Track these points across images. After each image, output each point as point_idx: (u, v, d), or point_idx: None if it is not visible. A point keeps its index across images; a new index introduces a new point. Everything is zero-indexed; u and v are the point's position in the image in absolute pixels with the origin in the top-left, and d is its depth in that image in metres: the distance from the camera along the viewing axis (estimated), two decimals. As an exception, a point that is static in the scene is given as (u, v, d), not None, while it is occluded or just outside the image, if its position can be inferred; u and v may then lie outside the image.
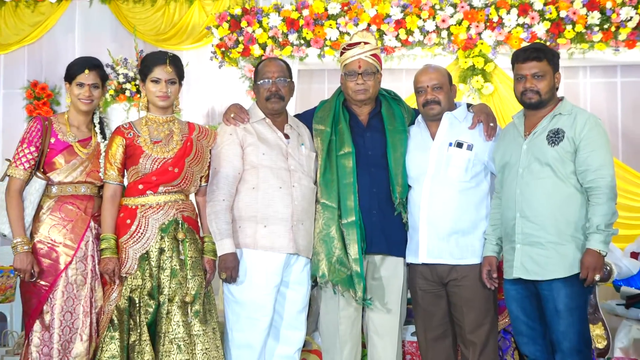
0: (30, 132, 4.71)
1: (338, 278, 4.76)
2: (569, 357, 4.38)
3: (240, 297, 4.77)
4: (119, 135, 4.75)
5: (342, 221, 4.80)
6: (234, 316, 4.82)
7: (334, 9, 7.48)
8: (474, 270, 4.73)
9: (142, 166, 4.69)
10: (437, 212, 4.75)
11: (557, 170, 4.39)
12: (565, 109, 4.50)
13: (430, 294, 4.84)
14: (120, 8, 8.35)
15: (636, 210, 7.39)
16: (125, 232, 4.68)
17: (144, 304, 4.63)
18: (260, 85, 4.88)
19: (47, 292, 4.61)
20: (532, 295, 4.50)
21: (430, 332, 4.88)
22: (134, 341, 4.60)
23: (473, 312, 4.73)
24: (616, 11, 7.12)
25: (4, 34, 8.52)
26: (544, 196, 4.41)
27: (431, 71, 4.89)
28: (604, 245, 4.26)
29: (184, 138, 4.83)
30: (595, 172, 4.31)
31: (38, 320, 4.61)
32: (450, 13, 7.33)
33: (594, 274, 4.26)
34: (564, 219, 4.37)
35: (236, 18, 7.60)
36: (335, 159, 4.88)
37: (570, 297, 4.34)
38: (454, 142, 4.80)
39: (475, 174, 4.78)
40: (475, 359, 4.76)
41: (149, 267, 4.66)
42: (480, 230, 4.77)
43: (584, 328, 4.43)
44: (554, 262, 4.36)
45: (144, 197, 4.72)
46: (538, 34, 7.23)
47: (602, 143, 4.38)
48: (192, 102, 8.29)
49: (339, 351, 4.91)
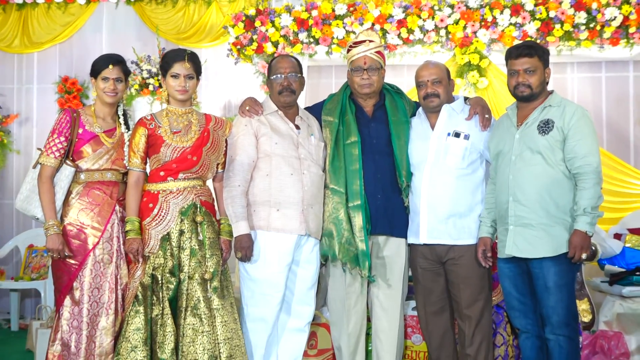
0: (60, 123, 4.76)
1: (347, 257, 4.82)
2: (558, 329, 4.44)
3: (255, 275, 4.84)
4: (142, 126, 4.80)
5: (349, 204, 4.85)
6: (249, 292, 4.88)
7: (340, 9, 7.48)
8: (470, 250, 4.79)
9: (163, 154, 4.75)
10: (436, 197, 4.81)
11: (547, 158, 4.44)
12: (554, 101, 4.55)
13: (429, 272, 4.90)
14: (144, 9, 8.35)
15: (619, 195, 7.39)
16: (148, 215, 4.74)
17: (166, 281, 4.68)
18: (273, 80, 4.93)
19: (77, 270, 4.68)
20: (523, 272, 4.56)
21: (430, 307, 4.94)
22: (156, 315, 4.64)
23: (469, 289, 4.79)
24: (601, 11, 7.14)
25: (38, 34, 8.54)
26: (534, 181, 4.46)
27: (431, 67, 4.92)
28: (590, 227, 4.32)
29: (201, 128, 4.87)
30: (583, 159, 4.36)
31: (68, 296, 4.68)
32: (448, 13, 7.34)
33: (581, 253, 4.32)
34: (553, 202, 4.42)
35: (250, 18, 7.61)
36: (342, 147, 4.92)
37: (559, 274, 4.40)
38: (452, 132, 4.84)
39: (472, 161, 4.83)
40: (471, 332, 4.81)
41: (170, 247, 4.71)
42: (476, 213, 4.82)
43: (572, 303, 4.49)
44: (544, 242, 4.42)
45: (165, 183, 4.77)
46: (529, 33, 7.24)
47: (588, 132, 4.43)
48: (211, 96, 8.29)
49: (345, 324, 4.97)
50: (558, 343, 4.45)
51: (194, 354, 4.60)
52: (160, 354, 4.58)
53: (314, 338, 5.39)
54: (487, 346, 4.86)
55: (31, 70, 8.72)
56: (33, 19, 8.55)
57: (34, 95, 8.71)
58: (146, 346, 4.60)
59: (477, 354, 4.81)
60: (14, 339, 7.34)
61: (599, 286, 6.14)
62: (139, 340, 4.59)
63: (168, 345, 4.60)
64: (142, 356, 4.58)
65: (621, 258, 6.07)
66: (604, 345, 5.40)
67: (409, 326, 5.36)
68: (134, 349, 4.58)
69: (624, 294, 5.78)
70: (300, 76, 4.98)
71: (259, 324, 4.86)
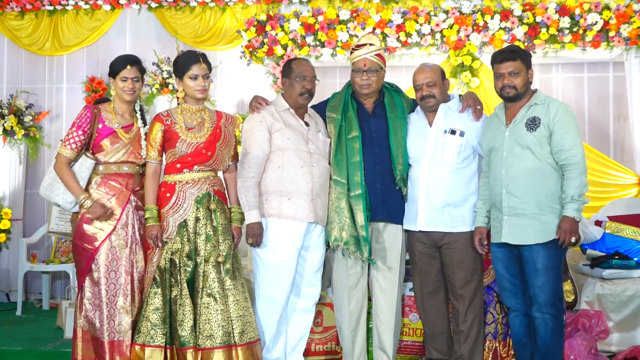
0: (81, 119, 4.79)
1: (348, 242, 4.80)
2: (544, 308, 4.47)
3: (267, 259, 4.83)
4: (159, 122, 4.80)
5: (350, 194, 4.83)
6: (261, 275, 4.88)
7: (344, 15, 7.50)
8: (463, 236, 4.81)
9: (179, 149, 4.75)
10: (433, 188, 4.80)
11: (536, 152, 4.45)
12: (539, 99, 4.56)
13: (426, 255, 4.90)
14: (164, 15, 8.34)
15: (600, 185, 7.38)
16: (166, 203, 4.75)
17: (183, 264, 4.70)
18: (297, 82, 4.88)
19: (94, 254, 4.70)
20: (514, 256, 4.58)
21: (426, 287, 4.95)
22: (175, 296, 4.67)
23: (462, 271, 4.81)
24: (584, 16, 7.18)
25: (67, 38, 8.52)
26: (525, 175, 4.48)
27: (426, 70, 4.88)
28: (578, 213, 4.36)
29: (213, 125, 4.86)
30: (569, 151, 4.38)
31: (88, 277, 4.70)
32: (443, 18, 7.35)
33: (570, 237, 4.35)
34: (543, 192, 4.44)
35: (262, 23, 7.61)
36: (345, 141, 4.91)
37: (548, 258, 4.44)
38: (449, 129, 4.82)
39: (466, 156, 4.82)
40: (464, 310, 4.83)
41: (187, 233, 4.73)
42: (470, 203, 4.82)
43: (558, 284, 4.53)
44: (535, 229, 4.45)
45: (181, 174, 4.78)
46: (517, 36, 7.26)
47: (572, 126, 4.45)
48: (225, 95, 8.27)
49: (346, 303, 4.97)
50: (544, 321, 4.48)
51: (209, 330, 4.62)
52: (180, 331, 4.62)
53: (320, 316, 5.40)
54: (479, 323, 4.88)
55: (61, 71, 8.72)
56: (63, 24, 8.53)
57: (64, 94, 8.71)
58: (165, 324, 4.65)
59: (470, 330, 4.84)
60: (45, 317, 7.35)
61: (582, 269, 6.12)
62: (157, 319, 4.64)
63: (187, 323, 4.62)
64: (161, 334, 4.63)
65: (601, 243, 6.06)
66: (585, 323, 5.38)
67: (406, 305, 5.37)
68: (154, 327, 4.64)
69: (604, 276, 5.76)
70: (317, 80, 4.97)
71: (270, 304, 4.85)
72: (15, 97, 8.36)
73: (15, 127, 8.13)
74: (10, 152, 8.27)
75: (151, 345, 4.63)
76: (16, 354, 5.96)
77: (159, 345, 4.63)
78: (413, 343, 5.43)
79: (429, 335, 5.01)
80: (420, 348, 5.41)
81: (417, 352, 5.43)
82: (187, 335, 4.61)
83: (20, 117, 8.22)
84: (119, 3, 8.32)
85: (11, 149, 8.27)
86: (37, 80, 8.73)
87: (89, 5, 8.38)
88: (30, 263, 7.64)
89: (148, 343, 4.63)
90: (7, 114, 8.15)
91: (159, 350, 4.64)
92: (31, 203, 8.68)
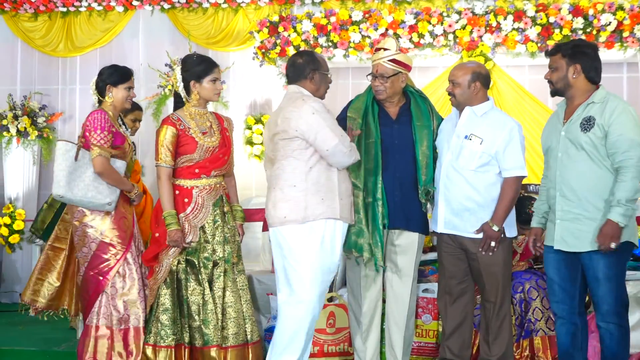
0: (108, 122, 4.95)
1: (362, 249, 4.71)
2: (608, 317, 4.28)
3: (323, 262, 4.53)
4: (171, 126, 4.82)
5: (366, 200, 4.75)
6: (309, 278, 4.51)
7: (357, 16, 7.47)
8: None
9: (198, 155, 4.80)
10: (450, 192, 4.75)
11: (591, 154, 4.25)
12: (597, 97, 4.33)
13: (452, 257, 4.87)
14: (177, 16, 8.34)
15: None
16: (184, 209, 4.81)
17: (203, 265, 4.79)
18: (327, 76, 4.77)
19: (125, 253, 4.93)
20: (568, 261, 4.39)
21: (450, 289, 4.89)
22: (197, 296, 4.79)
23: (490, 277, 4.75)
24: (597, 17, 7.10)
25: (80, 39, 8.54)
26: (579, 177, 4.30)
27: (456, 68, 4.88)
28: (622, 218, 4.12)
29: (219, 128, 4.96)
30: (624, 153, 4.14)
31: (116, 275, 4.91)
32: (456, 19, 7.31)
33: (610, 242, 4.12)
34: (598, 197, 4.24)
35: (274, 24, 7.60)
36: (363, 145, 4.81)
37: (609, 266, 4.22)
38: (469, 134, 4.71)
39: (483, 164, 4.67)
40: (492, 315, 4.79)
41: (205, 235, 4.81)
42: (491, 209, 4.68)
43: (622, 292, 4.33)
44: (589, 236, 4.24)
45: (199, 180, 4.85)
46: (530, 37, 7.21)
47: (630, 127, 4.17)
48: (237, 96, 8.27)
49: (359, 305, 4.94)
50: (609, 330, 4.29)
51: (235, 327, 4.81)
52: (205, 330, 4.77)
53: (333, 318, 5.39)
54: (508, 328, 4.84)
55: (74, 72, 8.74)
56: (76, 25, 8.55)
57: (77, 95, 8.73)
58: (175, 325, 4.78)
59: (497, 335, 4.80)
60: (59, 318, 7.35)
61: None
62: (167, 320, 4.77)
63: (211, 322, 4.76)
64: (172, 334, 4.76)
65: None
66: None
67: (419, 307, 5.36)
68: (164, 327, 4.76)
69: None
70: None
71: (310, 305, 4.53)
72: (28, 98, 8.39)
73: (29, 128, 8.15)
74: (24, 153, 8.29)
75: (162, 345, 4.76)
76: (29, 354, 5.98)
77: (169, 345, 4.76)
78: (426, 344, 5.43)
79: (447, 334, 4.92)
80: (433, 350, 5.40)
81: (430, 353, 5.42)
82: (211, 333, 4.74)
83: (33, 118, 8.25)
84: (131, 4, 8.33)
85: (25, 150, 8.28)
86: (50, 82, 8.75)
87: (101, 6, 8.40)
88: (43, 264, 7.64)
89: (159, 343, 4.76)
90: (20, 115, 8.17)
91: (169, 350, 4.77)
92: (45, 204, 8.69)
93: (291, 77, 4.73)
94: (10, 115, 8.15)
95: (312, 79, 4.68)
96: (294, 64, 4.71)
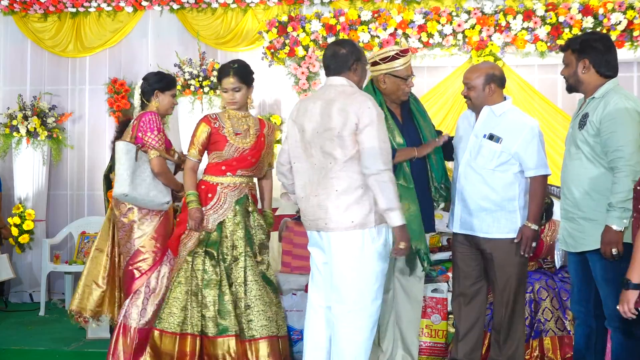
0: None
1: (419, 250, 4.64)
2: (610, 321, 4.15)
3: (383, 267, 4.26)
4: (207, 124, 5.06)
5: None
6: (376, 285, 4.24)
7: (366, 16, 7.46)
8: (503, 243, 4.62)
9: (226, 152, 5.01)
10: (467, 192, 4.70)
11: (586, 152, 4.13)
12: (599, 92, 4.16)
13: (466, 257, 4.83)
14: (185, 16, 8.35)
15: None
16: (207, 203, 5.03)
17: (222, 258, 4.96)
18: (366, 68, 4.53)
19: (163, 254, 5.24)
20: (582, 262, 4.26)
21: (464, 289, 4.83)
22: (213, 286, 4.91)
23: (505, 276, 4.67)
24: (607, 16, 7.06)
25: (90, 39, 8.56)
26: (575, 176, 4.21)
27: (469, 71, 4.77)
28: (618, 221, 3.93)
29: (257, 133, 5.11)
30: (613, 152, 3.99)
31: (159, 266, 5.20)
32: (465, 19, 7.28)
33: (610, 248, 3.95)
34: (596, 196, 4.10)
35: (283, 24, 7.59)
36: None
37: (605, 269, 4.06)
38: (488, 134, 4.63)
39: (501, 163, 4.59)
40: (506, 316, 4.73)
41: (225, 230, 4.98)
42: (509, 209, 4.60)
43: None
44: (585, 236, 4.15)
45: (224, 177, 5.04)
46: (540, 36, 7.17)
47: (621, 125, 3.98)
48: (246, 96, 8.28)
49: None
50: (615, 334, 4.15)
51: (264, 320, 4.92)
52: (220, 319, 4.89)
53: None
54: (521, 330, 4.80)
55: (83, 73, 8.75)
56: (85, 26, 8.57)
57: (86, 96, 8.74)
58: (183, 312, 4.93)
59: (508, 336, 4.74)
60: (68, 317, 7.36)
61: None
62: (177, 308, 4.94)
63: (228, 312, 4.88)
64: (179, 321, 4.92)
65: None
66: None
67: (428, 307, 5.35)
68: (172, 315, 4.94)
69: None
70: None
71: (377, 312, 4.29)
72: (38, 98, 8.42)
73: (39, 128, 8.17)
74: (33, 153, 8.30)
75: (168, 332, 4.93)
76: (39, 354, 6.01)
77: (174, 332, 4.91)
78: (436, 344, 5.42)
79: (461, 335, 4.85)
80: (442, 350, 5.40)
81: (440, 353, 5.42)
82: (227, 323, 4.86)
83: (43, 118, 8.27)
84: (141, 5, 8.34)
85: (34, 150, 8.30)
86: (60, 82, 8.76)
87: (111, 7, 8.41)
88: (53, 264, 7.69)
89: (166, 329, 4.94)
90: (30, 116, 8.19)
91: (175, 337, 4.93)
92: (54, 204, 8.73)
93: (333, 69, 4.31)
94: (20, 115, 8.17)
95: (355, 70, 4.33)
96: (336, 54, 4.29)
